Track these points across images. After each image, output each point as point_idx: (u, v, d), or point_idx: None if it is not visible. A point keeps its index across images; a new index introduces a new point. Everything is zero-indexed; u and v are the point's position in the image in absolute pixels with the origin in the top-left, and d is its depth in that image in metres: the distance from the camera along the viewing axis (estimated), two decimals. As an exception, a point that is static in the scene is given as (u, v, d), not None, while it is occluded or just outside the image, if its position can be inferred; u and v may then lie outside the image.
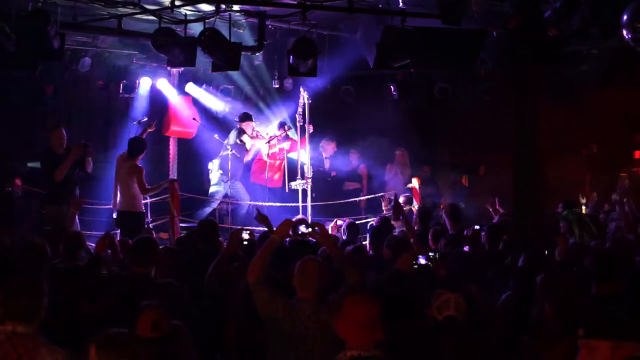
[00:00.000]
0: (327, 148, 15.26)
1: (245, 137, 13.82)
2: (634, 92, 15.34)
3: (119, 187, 11.35)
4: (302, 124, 13.38)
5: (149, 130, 12.92)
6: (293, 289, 5.06)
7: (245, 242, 6.52)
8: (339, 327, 4.13)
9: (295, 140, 14.03)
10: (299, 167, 13.43)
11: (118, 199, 11.21)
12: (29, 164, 13.23)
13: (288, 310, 4.97)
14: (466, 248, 8.00)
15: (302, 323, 4.91)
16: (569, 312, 4.64)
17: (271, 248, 5.22)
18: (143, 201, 11.55)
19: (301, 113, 13.34)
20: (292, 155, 14.30)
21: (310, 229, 5.41)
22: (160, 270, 6.25)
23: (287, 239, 6.73)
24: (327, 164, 15.22)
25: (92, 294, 5.52)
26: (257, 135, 14.20)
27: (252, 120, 14.19)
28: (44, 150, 10.99)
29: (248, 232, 6.51)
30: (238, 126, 14.11)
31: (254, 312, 5.06)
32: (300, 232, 5.41)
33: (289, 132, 14.46)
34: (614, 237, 8.67)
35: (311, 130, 13.51)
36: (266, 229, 7.53)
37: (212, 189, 13.68)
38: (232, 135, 13.82)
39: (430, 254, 5.97)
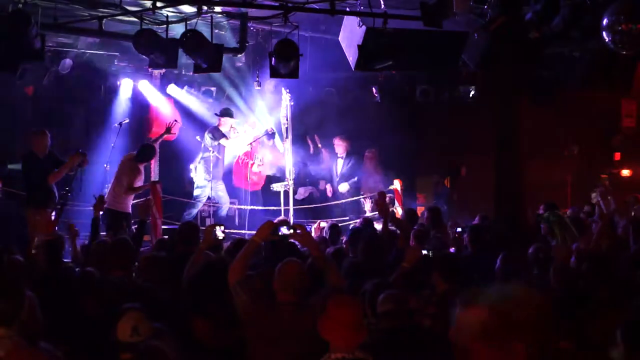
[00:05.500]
0: None
1: (223, 141, 13.74)
2: (614, 95, 15.48)
3: (112, 186, 11.62)
4: (286, 125, 13.38)
5: (165, 137, 13.16)
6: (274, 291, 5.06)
7: (220, 238, 6.53)
8: (323, 329, 4.12)
9: (279, 153, 14.09)
10: (287, 170, 13.44)
11: (107, 196, 11.26)
12: (10, 166, 13.15)
13: (269, 312, 4.96)
14: (452, 250, 8.05)
15: (283, 325, 4.90)
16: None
17: (251, 250, 5.22)
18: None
19: (285, 115, 13.35)
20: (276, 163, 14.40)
21: (291, 231, 5.41)
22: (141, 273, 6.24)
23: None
24: None
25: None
26: (234, 132, 14.10)
27: (232, 117, 14.12)
28: (26, 153, 10.96)
29: (222, 228, 6.51)
30: (216, 123, 14.03)
31: (230, 311, 5.05)
32: (281, 234, 5.40)
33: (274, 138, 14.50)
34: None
35: (287, 145, 13.54)
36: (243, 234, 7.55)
37: (196, 191, 13.64)
38: (207, 137, 13.73)
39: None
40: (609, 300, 5.30)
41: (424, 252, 6.54)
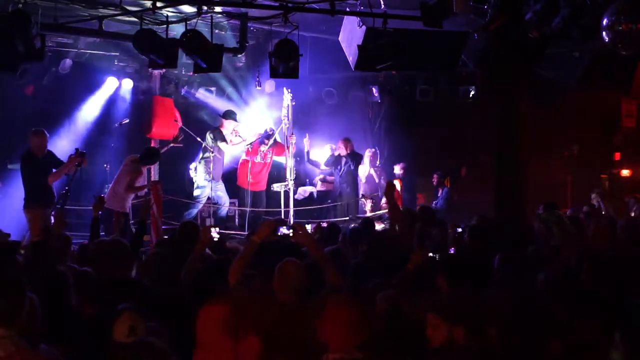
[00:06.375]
0: None
1: (222, 145, 13.69)
2: (614, 94, 15.47)
3: (113, 186, 11.76)
4: (287, 125, 13.37)
5: (173, 145, 13.31)
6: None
7: (216, 239, 6.52)
8: (321, 329, 4.11)
9: (281, 144, 14.01)
10: (289, 169, 13.42)
11: (107, 195, 11.30)
12: (9, 166, 13.16)
13: (268, 312, 4.95)
14: (452, 250, 8.02)
15: (282, 326, 4.89)
16: None
17: (251, 250, 5.21)
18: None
19: (286, 115, 13.34)
20: (279, 158, 14.32)
21: (290, 230, 5.41)
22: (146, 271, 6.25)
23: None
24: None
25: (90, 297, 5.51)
26: (236, 135, 14.06)
27: (235, 120, 14.07)
28: (24, 152, 10.97)
29: (216, 229, 6.50)
30: (218, 124, 14.03)
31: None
32: (280, 234, 5.40)
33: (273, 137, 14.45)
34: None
35: (294, 140, 13.51)
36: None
37: (196, 192, 13.60)
38: (208, 137, 13.72)
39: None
40: (609, 300, 5.29)
41: (430, 254, 6.54)
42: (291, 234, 5.44)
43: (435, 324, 4.30)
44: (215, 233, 6.43)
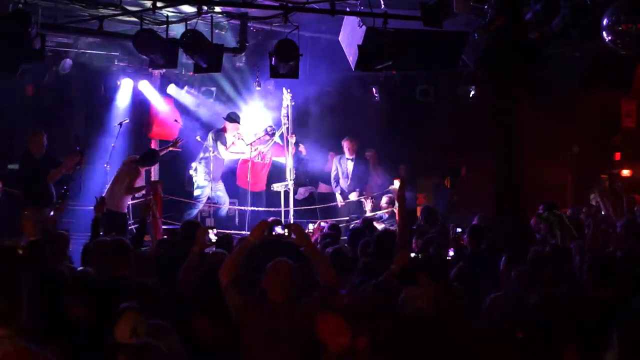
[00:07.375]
0: None
1: (221, 148, 13.69)
2: (614, 95, 15.46)
3: (111, 186, 11.75)
4: (287, 125, 13.37)
5: (171, 148, 13.39)
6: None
7: (213, 242, 6.52)
8: (320, 329, 4.14)
9: (280, 145, 14.01)
10: (289, 169, 13.41)
11: (105, 195, 11.32)
12: (10, 166, 13.15)
13: (261, 312, 4.95)
14: (451, 250, 8.03)
15: (275, 326, 4.88)
16: None
17: (245, 250, 5.21)
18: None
19: (286, 115, 13.33)
20: (279, 159, 14.32)
21: (286, 230, 5.39)
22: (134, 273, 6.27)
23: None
24: None
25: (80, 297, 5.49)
26: (238, 138, 14.03)
27: (238, 122, 14.05)
28: (22, 153, 10.99)
29: (214, 231, 6.49)
30: (222, 126, 14.03)
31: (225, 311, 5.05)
32: (275, 233, 5.39)
33: (274, 137, 14.44)
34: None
35: (294, 140, 13.50)
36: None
37: (197, 192, 13.63)
38: (210, 138, 13.73)
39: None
40: (609, 301, 5.30)
41: (412, 254, 6.57)
42: (286, 234, 5.43)
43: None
44: (212, 234, 6.41)
